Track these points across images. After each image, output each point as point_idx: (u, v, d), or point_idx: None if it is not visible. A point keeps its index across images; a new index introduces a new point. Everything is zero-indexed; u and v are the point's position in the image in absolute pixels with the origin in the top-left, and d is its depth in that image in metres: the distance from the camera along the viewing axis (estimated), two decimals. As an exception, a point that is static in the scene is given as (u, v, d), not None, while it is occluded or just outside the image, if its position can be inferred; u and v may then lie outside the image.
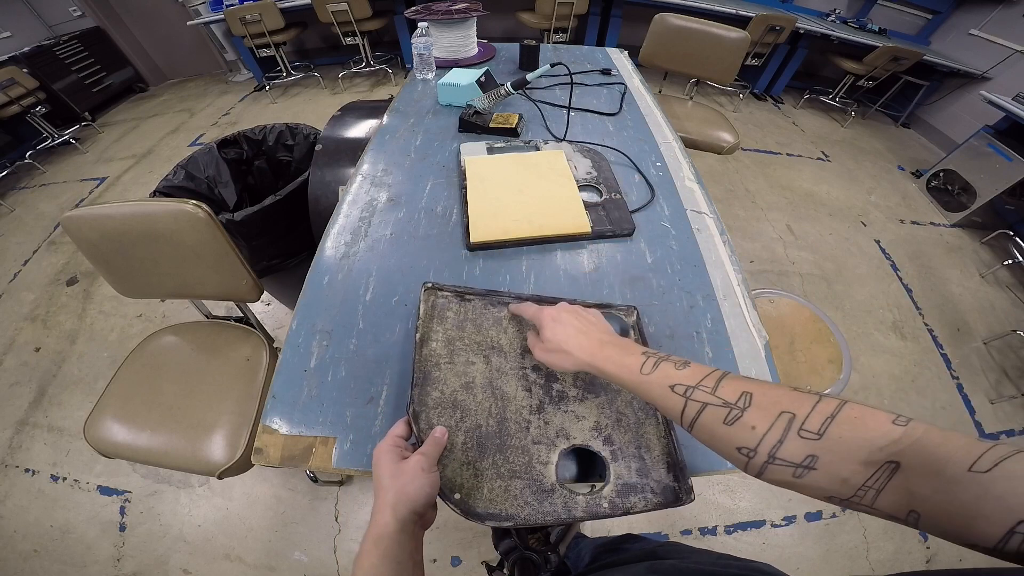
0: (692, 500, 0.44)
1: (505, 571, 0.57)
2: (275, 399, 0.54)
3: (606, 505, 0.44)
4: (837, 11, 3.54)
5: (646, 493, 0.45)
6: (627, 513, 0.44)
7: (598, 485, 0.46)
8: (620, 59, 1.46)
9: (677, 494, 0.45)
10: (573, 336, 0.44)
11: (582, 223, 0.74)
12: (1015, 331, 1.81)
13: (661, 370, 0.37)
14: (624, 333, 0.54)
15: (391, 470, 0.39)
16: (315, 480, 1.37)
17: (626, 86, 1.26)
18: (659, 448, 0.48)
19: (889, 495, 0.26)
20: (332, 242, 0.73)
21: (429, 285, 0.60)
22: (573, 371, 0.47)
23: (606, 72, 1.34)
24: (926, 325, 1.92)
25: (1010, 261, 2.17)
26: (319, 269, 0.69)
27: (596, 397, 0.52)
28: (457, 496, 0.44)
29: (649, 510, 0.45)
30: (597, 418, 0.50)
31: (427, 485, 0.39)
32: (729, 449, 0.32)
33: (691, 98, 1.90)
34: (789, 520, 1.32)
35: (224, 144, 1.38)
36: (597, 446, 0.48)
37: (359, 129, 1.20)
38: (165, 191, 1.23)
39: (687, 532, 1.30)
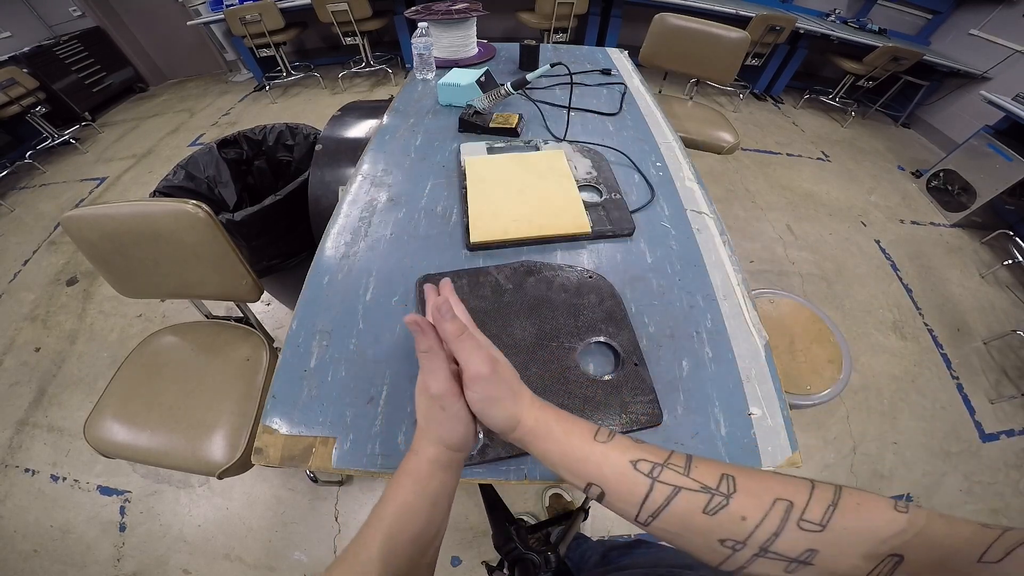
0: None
1: (505, 571, 0.57)
2: (275, 399, 0.54)
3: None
4: (837, 11, 3.54)
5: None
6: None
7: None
8: (620, 59, 1.46)
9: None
10: (515, 379, 0.34)
11: (582, 223, 0.74)
12: (1015, 331, 1.81)
13: (618, 441, 0.30)
14: None
15: (434, 412, 0.34)
16: (315, 480, 1.37)
17: (626, 86, 1.25)
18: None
19: None
20: (332, 242, 0.73)
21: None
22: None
23: (606, 72, 1.34)
24: (926, 325, 1.92)
25: (1010, 261, 2.17)
26: (319, 269, 0.69)
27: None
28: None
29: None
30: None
31: (470, 431, 0.34)
32: (706, 541, 0.27)
33: (691, 98, 1.90)
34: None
35: (224, 144, 1.38)
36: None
37: (359, 129, 1.20)
38: (165, 191, 1.23)
39: (687, 532, 1.30)
